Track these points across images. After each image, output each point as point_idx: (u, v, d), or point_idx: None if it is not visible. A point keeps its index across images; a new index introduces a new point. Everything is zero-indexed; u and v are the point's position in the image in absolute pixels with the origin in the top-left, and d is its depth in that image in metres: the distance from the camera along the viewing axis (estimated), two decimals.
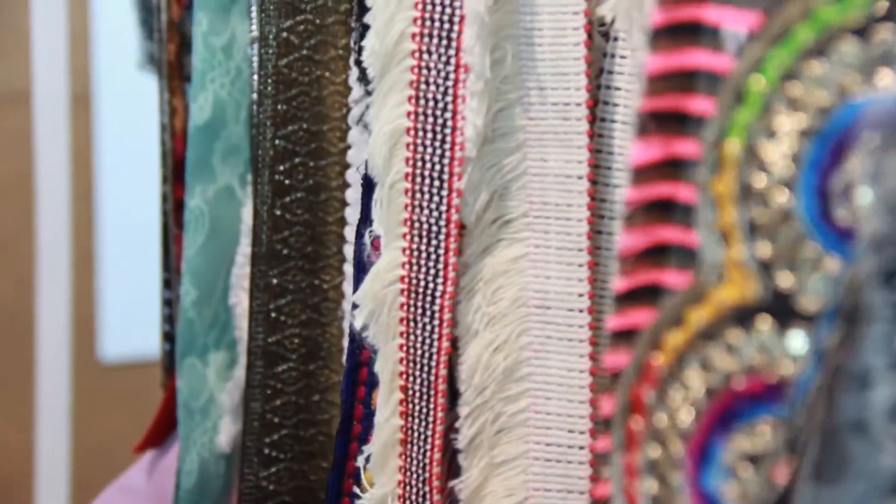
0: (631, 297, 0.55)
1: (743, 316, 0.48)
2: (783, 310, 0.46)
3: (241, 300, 0.98)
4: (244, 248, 0.97)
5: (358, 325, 0.75)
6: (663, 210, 0.54)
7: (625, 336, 0.54)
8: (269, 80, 0.85)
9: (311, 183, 0.87)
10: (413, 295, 0.72)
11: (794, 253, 0.46)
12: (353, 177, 0.85)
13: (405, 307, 0.72)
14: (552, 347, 0.71)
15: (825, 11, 0.45)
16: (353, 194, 0.86)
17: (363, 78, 0.80)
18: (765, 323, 0.47)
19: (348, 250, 0.88)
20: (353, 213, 0.86)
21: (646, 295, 0.54)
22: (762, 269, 0.47)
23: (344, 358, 0.87)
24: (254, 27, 0.89)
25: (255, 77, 0.88)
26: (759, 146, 0.47)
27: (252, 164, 0.92)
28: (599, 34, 0.69)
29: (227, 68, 0.93)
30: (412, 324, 0.73)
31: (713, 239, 0.48)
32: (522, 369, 0.72)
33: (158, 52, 1.01)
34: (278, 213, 0.88)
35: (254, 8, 0.88)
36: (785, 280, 0.46)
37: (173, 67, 0.99)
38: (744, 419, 0.48)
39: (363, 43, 0.72)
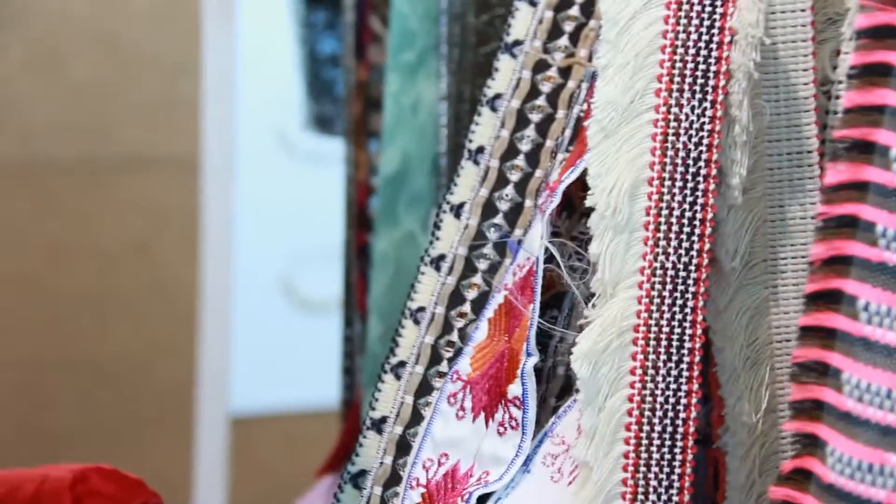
0: (817, 298, 0.65)
1: None
2: None
3: None
4: None
5: (583, 375, 0.75)
6: (849, 225, 0.64)
7: (811, 331, 0.66)
8: (464, 132, 0.94)
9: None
10: (653, 343, 0.74)
11: None
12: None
13: (639, 356, 0.74)
14: None
15: None
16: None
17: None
18: None
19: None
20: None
21: (830, 298, 0.64)
22: None
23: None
24: (443, 85, 0.98)
25: (445, 130, 0.98)
26: None
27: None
28: (821, 93, 0.76)
29: (413, 124, 1.02)
30: (651, 372, 0.74)
31: None
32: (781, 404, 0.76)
33: (347, 110, 1.11)
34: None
35: (443, 69, 0.98)
36: None
37: (359, 124, 1.10)
38: None
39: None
